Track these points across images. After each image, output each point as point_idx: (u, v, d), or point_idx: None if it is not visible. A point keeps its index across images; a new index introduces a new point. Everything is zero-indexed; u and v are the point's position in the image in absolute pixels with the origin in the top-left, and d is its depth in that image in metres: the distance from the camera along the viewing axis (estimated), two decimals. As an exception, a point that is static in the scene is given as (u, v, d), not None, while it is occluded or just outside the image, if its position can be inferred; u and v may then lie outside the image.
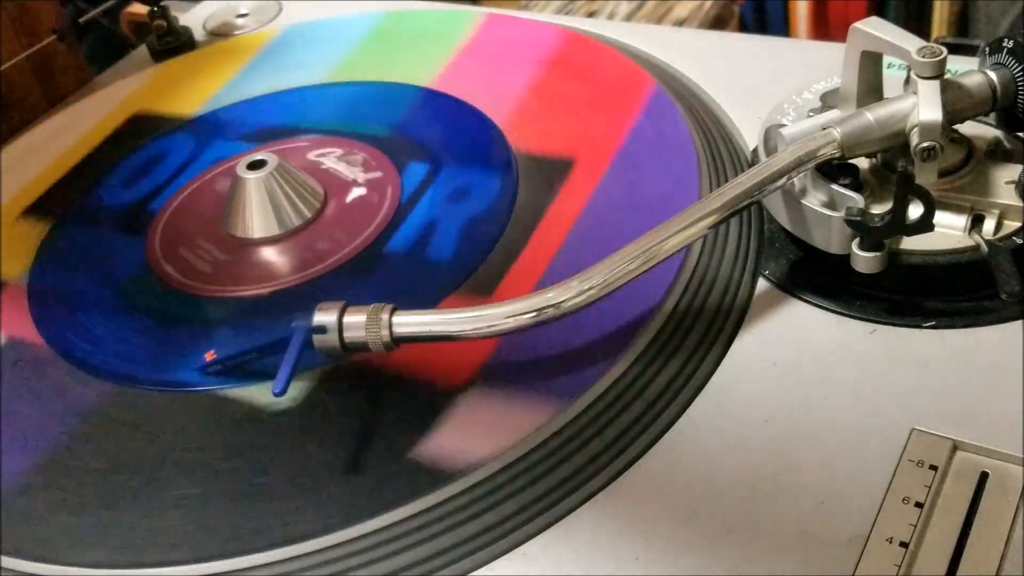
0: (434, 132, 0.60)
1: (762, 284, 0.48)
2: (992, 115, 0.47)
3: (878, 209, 0.44)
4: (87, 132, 0.67)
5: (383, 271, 0.51)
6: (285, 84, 0.67)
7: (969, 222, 0.45)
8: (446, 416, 0.43)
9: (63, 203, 0.62)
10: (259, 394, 0.46)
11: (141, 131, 0.66)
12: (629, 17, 1.46)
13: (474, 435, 0.42)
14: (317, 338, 0.44)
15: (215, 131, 0.65)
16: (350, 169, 0.58)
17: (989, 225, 0.45)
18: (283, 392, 0.42)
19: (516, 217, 0.52)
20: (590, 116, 0.58)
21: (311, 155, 0.60)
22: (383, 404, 0.45)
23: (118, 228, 0.59)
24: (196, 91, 0.69)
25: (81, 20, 0.73)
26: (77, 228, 0.60)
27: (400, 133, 0.60)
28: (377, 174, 0.57)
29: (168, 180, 0.61)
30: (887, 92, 0.48)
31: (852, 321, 0.45)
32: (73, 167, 0.64)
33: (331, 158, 0.59)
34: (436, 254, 0.52)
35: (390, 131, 0.60)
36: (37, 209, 0.62)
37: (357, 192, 0.57)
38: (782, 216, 0.47)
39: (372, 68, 0.67)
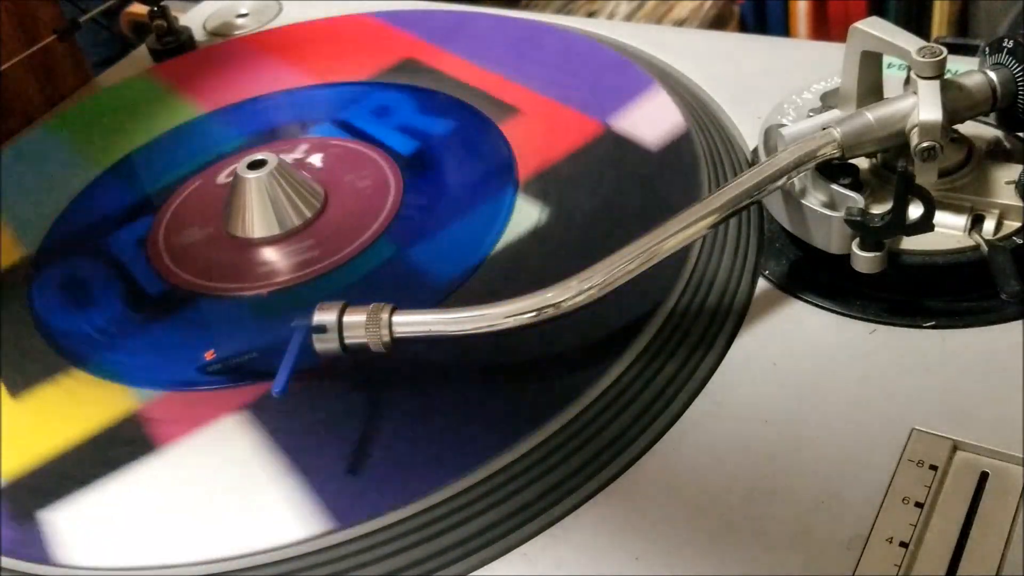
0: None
1: (762, 284, 0.48)
2: (992, 115, 0.47)
3: (878, 209, 0.44)
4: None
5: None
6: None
7: (969, 222, 0.45)
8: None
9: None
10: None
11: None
12: (629, 17, 1.46)
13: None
14: (317, 338, 0.44)
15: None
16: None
17: (989, 225, 0.45)
18: (283, 392, 0.42)
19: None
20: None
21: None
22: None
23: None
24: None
25: (81, 20, 0.73)
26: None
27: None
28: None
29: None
30: (887, 92, 0.48)
31: (852, 321, 0.45)
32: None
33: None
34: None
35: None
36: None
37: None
38: (782, 216, 0.47)
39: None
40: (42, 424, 0.47)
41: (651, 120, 0.56)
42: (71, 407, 0.48)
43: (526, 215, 0.52)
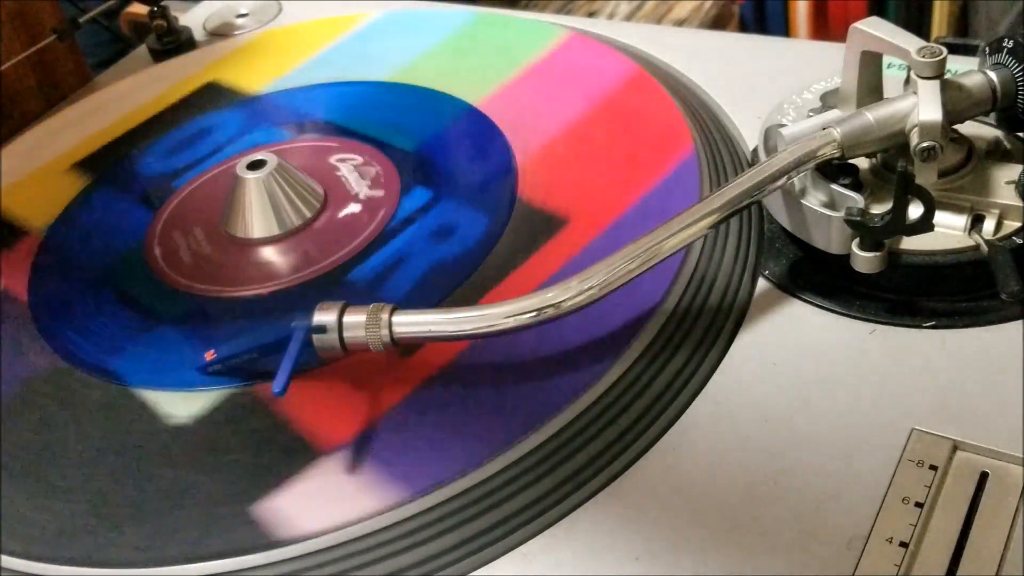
0: (452, 151, 0.59)
1: (762, 284, 0.48)
2: (992, 115, 0.47)
3: (878, 209, 0.44)
4: (158, 95, 0.69)
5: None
6: (352, 75, 0.67)
7: (969, 222, 0.45)
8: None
9: (110, 163, 0.63)
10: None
11: (208, 102, 0.67)
12: (629, 17, 1.46)
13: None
14: (317, 338, 0.44)
15: (259, 116, 0.65)
16: (359, 181, 0.58)
17: (989, 225, 0.45)
18: (283, 392, 0.42)
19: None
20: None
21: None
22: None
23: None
24: (269, 68, 0.70)
25: (81, 20, 0.73)
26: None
27: (424, 150, 0.59)
28: (380, 192, 0.57)
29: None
30: (887, 92, 0.48)
31: (852, 321, 0.45)
32: (134, 128, 0.66)
33: (348, 164, 0.59)
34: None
35: (416, 146, 0.60)
36: (87, 165, 0.63)
37: (356, 204, 0.56)
38: (782, 216, 0.47)
39: (437, 73, 0.65)
40: None
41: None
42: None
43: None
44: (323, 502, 0.41)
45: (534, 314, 0.42)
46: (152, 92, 0.70)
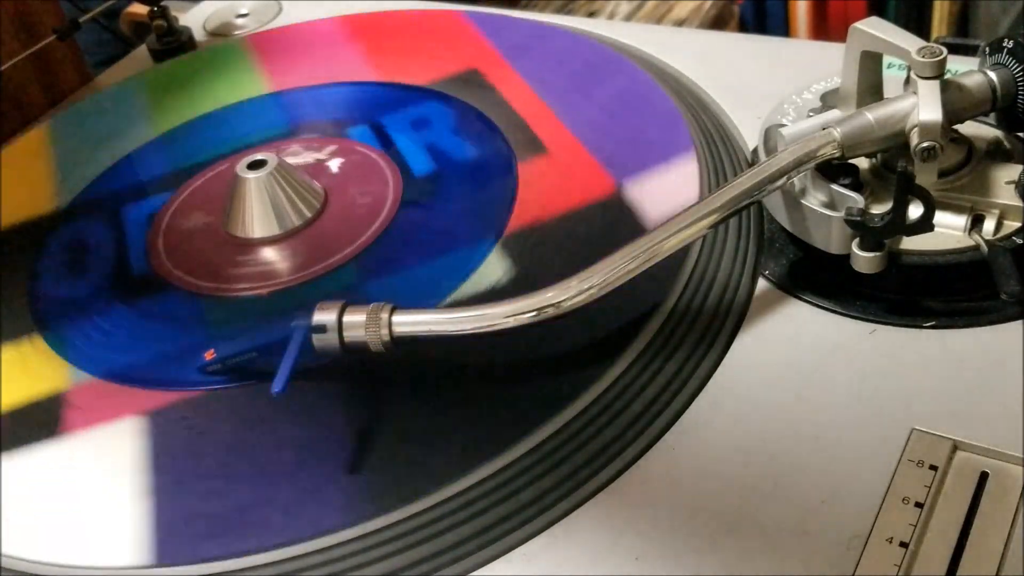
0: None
1: (762, 284, 0.48)
2: (992, 115, 0.47)
3: (878, 209, 0.44)
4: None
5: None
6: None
7: (969, 222, 0.45)
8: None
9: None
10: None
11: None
12: (629, 17, 1.47)
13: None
14: (317, 337, 0.44)
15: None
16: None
17: (989, 225, 0.45)
18: (283, 391, 0.42)
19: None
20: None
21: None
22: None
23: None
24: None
25: (81, 20, 0.73)
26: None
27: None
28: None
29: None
30: (887, 92, 0.48)
31: (852, 321, 0.45)
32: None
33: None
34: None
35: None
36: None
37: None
38: (782, 216, 0.47)
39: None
40: None
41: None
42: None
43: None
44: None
45: (534, 314, 0.42)
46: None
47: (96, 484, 0.44)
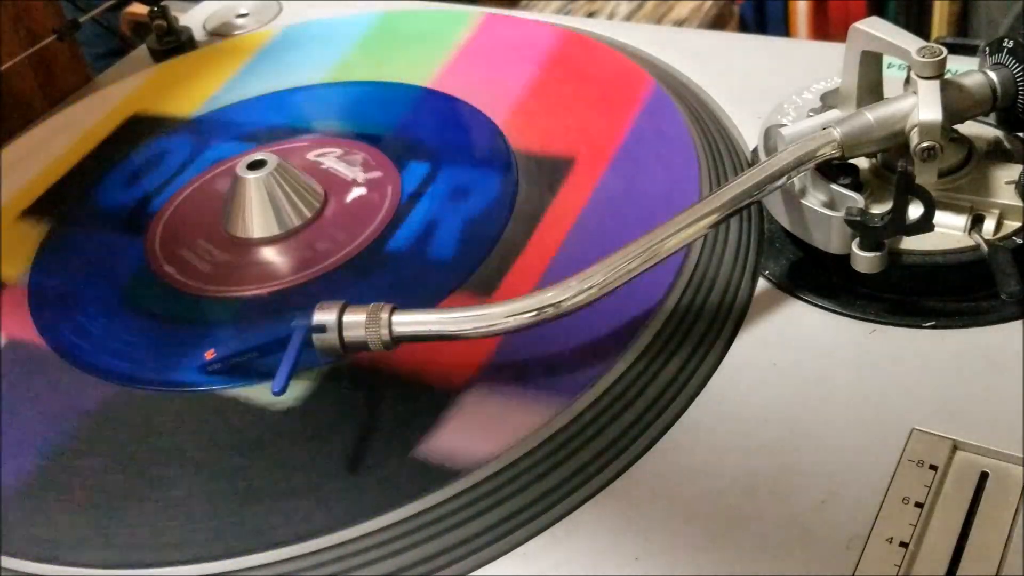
0: (433, 132, 0.60)
1: (762, 284, 0.48)
2: (992, 115, 0.47)
3: (878, 209, 0.44)
4: (85, 133, 0.67)
5: (383, 271, 0.51)
6: (283, 84, 0.67)
7: (969, 222, 0.45)
8: (446, 416, 0.43)
9: (62, 204, 0.62)
10: (260, 394, 0.46)
11: (139, 132, 0.66)
12: (629, 17, 1.47)
13: (474, 435, 0.42)
14: (317, 337, 0.44)
15: (214, 132, 0.65)
16: (350, 169, 0.58)
17: (989, 225, 0.45)
18: (282, 391, 0.42)
19: (516, 216, 0.52)
20: (590, 116, 0.58)
21: (311, 155, 0.60)
22: (383, 403, 0.45)
23: (117, 229, 0.59)
24: (195, 91, 0.69)
25: (81, 20, 0.73)
26: (76, 229, 0.60)
27: (400, 133, 0.60)
28: (377, 174, 0.57)
29: (167, 181, 0.61)
30: (887, 92, 0.48)
31: (852, 321, 0.45)
32: (72, 168, 0.64)
33: (331, 158, 0.59)
34: (436, 254, 0.52)
35: (390, 131, 0.60)
36: (36, 210, 0.62)
37: (357, 192, 0.57)
38: (782, 216, 0.47)
39: (370, 68, 0.66)
40: None
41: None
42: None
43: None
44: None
45: (534, 314, 0.42)
46: (77, 132, 0.68)
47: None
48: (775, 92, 0.53)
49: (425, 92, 0.63)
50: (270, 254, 0.54)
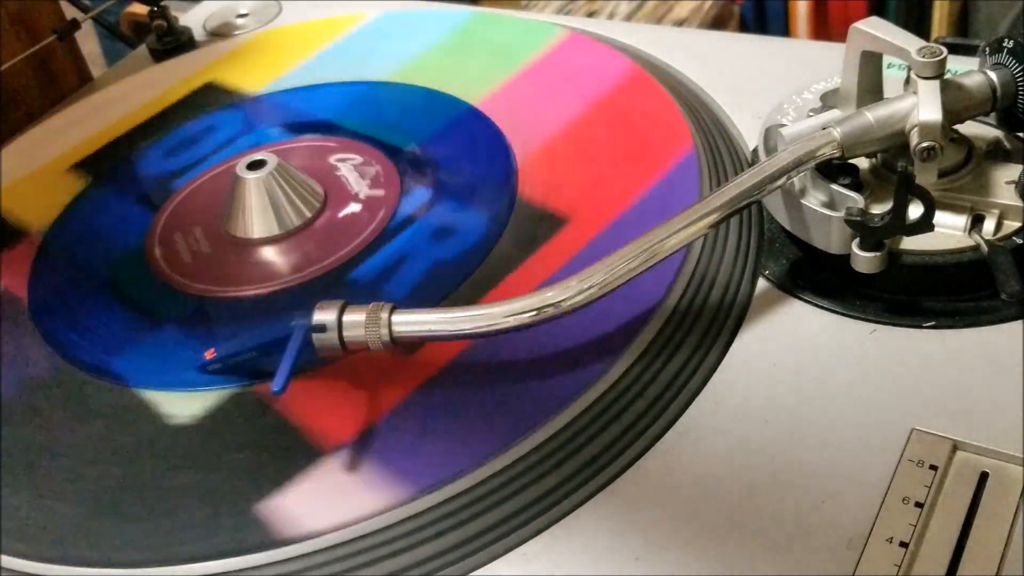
0: (452, 159, 0.58)
1: (762, 284, 0.48)
2: (992, 115, 0.47)
3: (878, 209, 0.44)
4: (163, 92, 0.69)
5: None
6: (349, 75, 0.67)
7: (969, 222, 0.45)
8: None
9: (109, 162, 0.63)
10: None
11: (206, 102, 0.67)
12: (629, 17, 1.47)
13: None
14: (317, 337, 0.44)
15: (259, 116, 0.65)
16: (359, 181, 0.58)
17: (989, 225, 0.45)
18: (282, 390, 0.42)
19: (487, 264, 0.50)
20: (610, 174, 0.54)
21: (332, 158, 0.60)
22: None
23: (141, 201, 0.59)
24: (270, 68, 0.69)
25: (81, 20, 0.73)
26: (107, 191, 0.60)
27: (422, 151, 0.59)
28: (380, 192, 0.57)
29: (194, 163, 0.62)
30: (887, 92, 0.48)
31: (852, 321, 0.45)
32: (134, 127, 0.66)
33: (348, 165, 0.59)
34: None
35: (414, 147, 0.59)
36: (86, 164, 0.63)
37: (357, 203, 0.56)
38: (782, 216, 0.47)
39: (435, 73, 0.65)
40: None
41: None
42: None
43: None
44: (327, 500, 0.41)
45: (534, 314, 0.42)
46: (152, 92, 0.70)
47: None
48: (775, 92, 0.53)
49: (467, 112, 0.61)
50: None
